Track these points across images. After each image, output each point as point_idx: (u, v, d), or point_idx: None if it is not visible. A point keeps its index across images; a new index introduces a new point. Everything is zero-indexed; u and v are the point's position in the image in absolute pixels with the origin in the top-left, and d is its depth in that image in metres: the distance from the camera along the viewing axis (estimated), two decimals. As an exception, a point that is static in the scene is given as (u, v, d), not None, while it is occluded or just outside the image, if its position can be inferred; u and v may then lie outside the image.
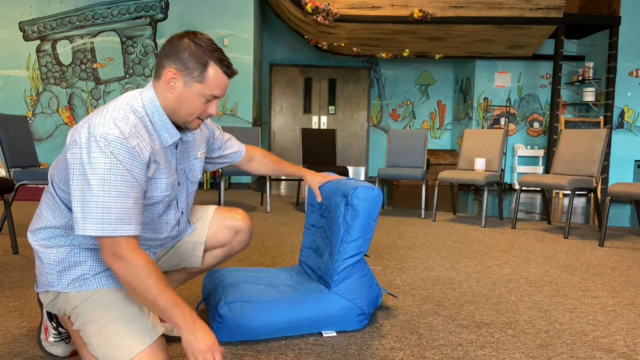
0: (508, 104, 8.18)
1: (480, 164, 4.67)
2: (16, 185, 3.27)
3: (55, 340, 1.52)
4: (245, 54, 7.26)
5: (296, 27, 7.70)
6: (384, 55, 7.95)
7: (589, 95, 7.57)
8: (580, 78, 7.61)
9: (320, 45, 7.79)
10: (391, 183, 8.86)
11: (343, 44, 7.63)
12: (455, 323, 1.96)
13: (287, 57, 9.21)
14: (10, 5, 7.06)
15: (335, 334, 1.81)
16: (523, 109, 8.25)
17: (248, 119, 7.33)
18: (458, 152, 6.77)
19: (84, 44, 7.18)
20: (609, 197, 3.64)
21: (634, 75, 7.63)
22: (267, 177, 4.96)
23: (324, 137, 5.75)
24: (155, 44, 7.20)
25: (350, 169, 9.26)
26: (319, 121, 9.36)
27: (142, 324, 1.25)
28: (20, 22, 7.08)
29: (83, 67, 7.21)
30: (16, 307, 2.01)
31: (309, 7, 6.84)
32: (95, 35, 7.17)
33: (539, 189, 5.37)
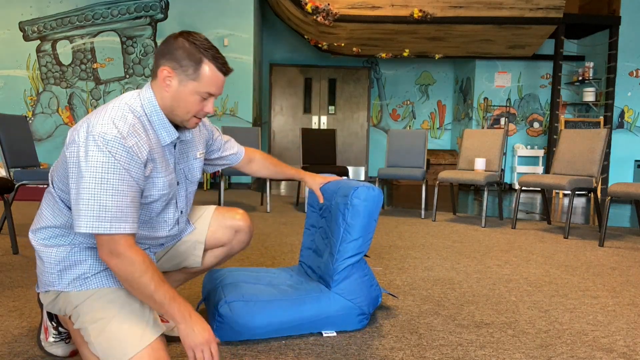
0: (508, 104, 8.18)
1: (480, 164, 4.67)
2: (16, 185, 3.27)
3: (55, 340, 1.53)
4: (245, 54, 7.26)
5: (296, 27, 7.70)
6: (384, 55, 7.95)
7: (589, 95, 7.58)
8: (580, 78, 7.61)
9: (320, 45, 7.79)
10: (391, 183, 8.86)
11: (343, 44, 7.63)
12: (455, 323, 1.96)
13: (287, 57, 9.22)
14: (10, 5, 7.06)
15: (335, 334, 1.81)
16: (523, 109, 8.25)
17: (248, 119, 7.33)
18: (458, 152, 6.77)
19: (84, 44, 7.18)
20: (609, 197, 3.64)
21: (634, 75, 7.63)
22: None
23: (324, 137, 5.75)
24: (155, 44, 7.20)
25: (350, 169, 9.26)
26: (319, 121, 9.36)
27: (143, 322, 1.25)
28: (20, 22, 7.08)
29: (83, 67, 7.21)
30: (16, 307, 2.01)
31: (309, 7, 6.84)
32: (95, 35, 7.18)
33: (539, 189, 5.37)
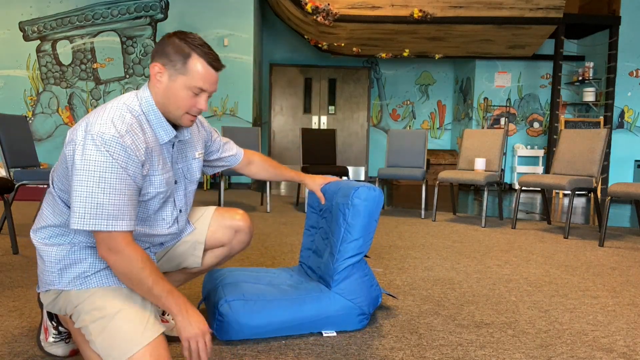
0: (508, 104, 8.18)
1: (480, 164, 4.67)
2: (16, 185, 3.27)
3: (55, 340, 1.53)
4: (245, 54, 7.26)
5: (296, 27, 7.70)
6: (384, 55, 7.95)
7: (589, 95, 7.57)
8: (580, 78, 7.61)
9: (320, 45, 7.79)
10: (391, 183, 8.86)
11: (343, 44, 7.63)
12: (455, 323, 1.96)
13: (287, 57, 9.21)
14: (10, 5, 7.06)
15: (335, 334, 1.81)
16: (523, 109, 8.25)
17: (248, 119, 7.33)
18: (458, 152, 6.77)
19: (84, 44, 7.18)
20: (609, 197, 3.64)
21: (634, 75, 7.63)
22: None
23: (324, 137, 5.75)
24: (155, 44, 7.19)
25: (350, 169, 9.26)
26: (319, 121, 9.36)
27: (144, 321, 1.26)
28: (20, 22, 7.08)
29: (83, 67, 7.21)
30: (16, 307, 2.02)
31: (309, 7, 6.84)
32: (95, 35, 7.18)
33: (539, 189, 5.37)
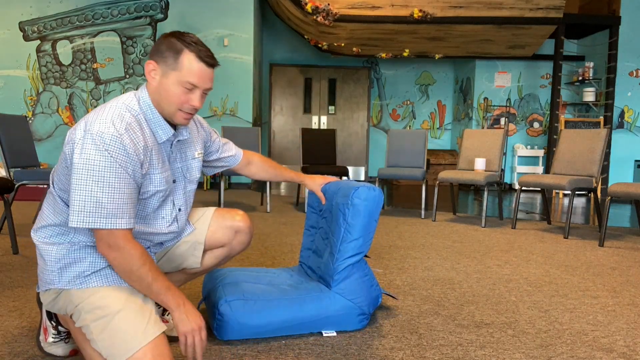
0: (508, 104, 8.18)
1: (480, 164, 4.67)
2: (16, 185, 3.27)
3: (54, 340, 1.53)
4: (245, 54, 7.26)
5: (296, 27, 7.70)
6: (384, 55, 7.95)
7: (589, 95, 7.57)
8: (580, 78, 7.61)
9: (320, 45, 7.79)
10: (391, 183, 8.86)
11: (343, 44, 7.63)
12: (455, 323, 1.96)
13: (287, 57, 9.21)
14: (10, 5, 7.06)
15: (335, 334, 1.81)
16: (523, 109, 8.25)
17: (248, 119, 7.33)
18: (458, 152, 6.77)
19: (84, 44, 7.18)
20: (609, 197, 3.64)
21: (634, 75, 7.63)
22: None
23: (324, 137, 5.75)
24: (155, 44, 7.20)
25: (350, 169, 9.26)
26: (319, 121, 9.36)
27: (145, 320, 1.26)
28: (20, 22, 7.08)
29: (83, 67, 7.21)
30: (16, 307, 2.01)
31: (309, 7, 6.84)
32: (95, 35, 7.17)
33: (539, 189, 5.37)
